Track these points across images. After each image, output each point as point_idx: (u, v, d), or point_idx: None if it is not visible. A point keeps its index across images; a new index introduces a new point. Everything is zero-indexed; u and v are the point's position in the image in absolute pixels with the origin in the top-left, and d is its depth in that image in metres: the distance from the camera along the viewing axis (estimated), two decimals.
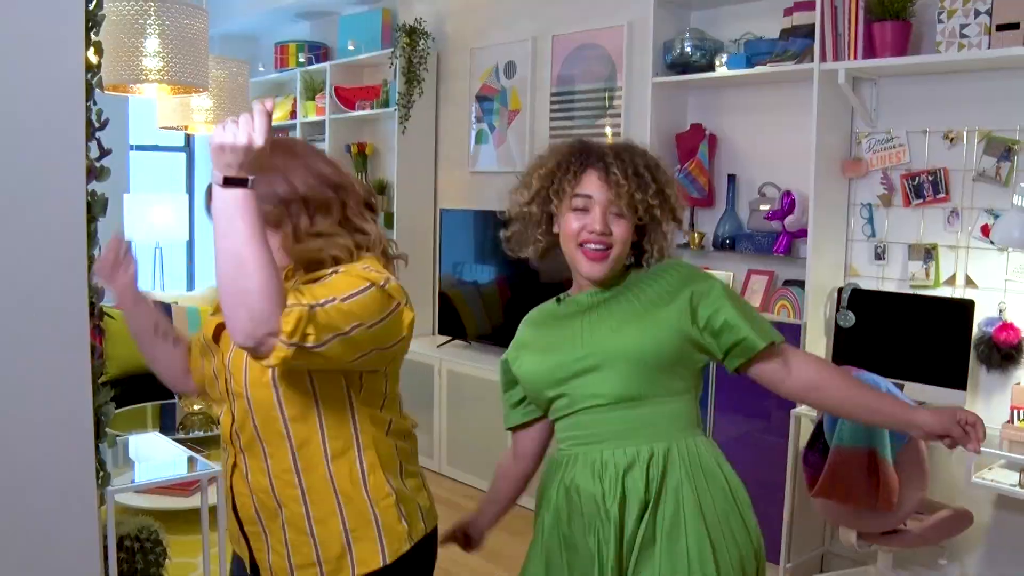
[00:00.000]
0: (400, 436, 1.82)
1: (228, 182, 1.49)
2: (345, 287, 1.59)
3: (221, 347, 1.77)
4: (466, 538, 2.18)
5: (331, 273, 1.65)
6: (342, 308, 1.54)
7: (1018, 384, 3.33)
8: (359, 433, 1.74)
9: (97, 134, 2.49)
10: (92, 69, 2.52)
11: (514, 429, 2.06)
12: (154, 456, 3.45)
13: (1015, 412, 3.28)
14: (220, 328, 1.76)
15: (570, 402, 1.86)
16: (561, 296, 1.97)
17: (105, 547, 2.69)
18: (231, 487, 1.82)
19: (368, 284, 1.61)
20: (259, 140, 1.49)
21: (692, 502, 1.81)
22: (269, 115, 1.52)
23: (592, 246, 1.81)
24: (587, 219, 1.80)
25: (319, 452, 1.71)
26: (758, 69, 3.89)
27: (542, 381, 1.89)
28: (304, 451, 1.70)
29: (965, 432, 1.76)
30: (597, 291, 1.90)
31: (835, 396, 1.86)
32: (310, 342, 1.47)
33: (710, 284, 1.86)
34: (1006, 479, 3.13)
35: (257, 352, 1.48)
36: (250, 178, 1.49)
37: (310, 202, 1.71)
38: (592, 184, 1.81)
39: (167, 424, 4.77)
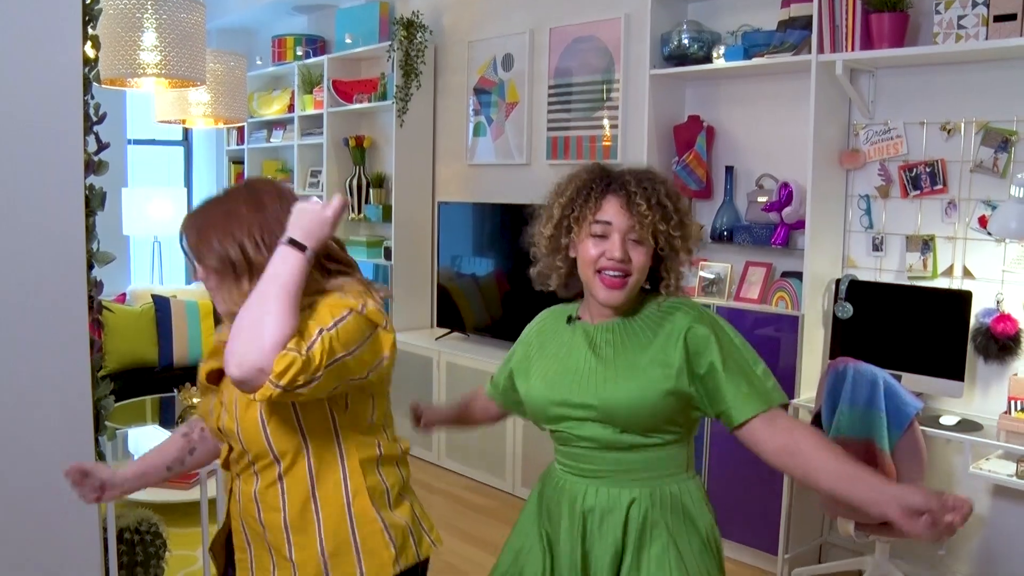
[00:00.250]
0: (390, 461, 1.81)
1: (294, 243, 1.60)
2: (327, 317, 1.60)
3: (221, 387, 1.76)
4: (417, 417, 2.30)
5: (308, 305, 1.65)
6: (329, 339, 1.57)
7: (1015, 375, 3.34)
8: (344, 458, 1.73)
9: (95, 128, 2.49)
10: (89, 63, 2.52)
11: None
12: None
13: (1012, 403, 3.29)
14: (219, 372, 1.75)
15: (566, 438, 1.86)
16: (572, 316, 1.94)
17: (105, 539, 2.69)
18: (228, 512, 1.88)
19: (348, 311, 1.61)
20: (334, 225, 1.66)
21: (672, 545, 1.80)
22: (343, 208, 1.67)
23: (610, 273, 1.77)
24: (606, 245, 1.77)
25: (304, 478, 1.71)
26: (755, 61, 3.89)
27: (543, 411, 1.89)
28: (290, 477, 1.71)
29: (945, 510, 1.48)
30: (608, 322, 1.86)
31: (812, 463, 1.67)
32: (299, 385, 1.52)
33: (710, 337, 1.79)
34: (1003, 469, 3.15)
35: (244, 386, 1.54)
36: (309, 248, 1.61)
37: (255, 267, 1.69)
38: (612, 210, 1.78)
39: (166, 417, 4.77)
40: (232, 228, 1.68)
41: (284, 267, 1.58)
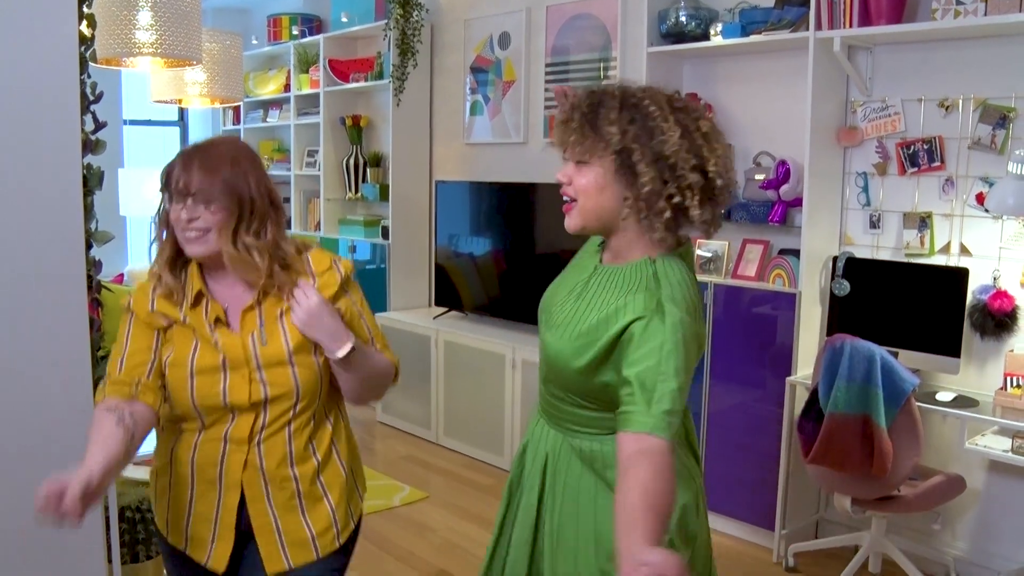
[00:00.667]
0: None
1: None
2: (366, 310, 1.98)
3: (248, 365, 1.83)
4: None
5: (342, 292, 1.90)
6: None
7: (1011, 351, 3.36)
8: (339, 402, 2.00)
9: (92, 107, 2.49)
10: (85, 42, 2.51)
11: None
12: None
13: (1008, 379, 3.30)
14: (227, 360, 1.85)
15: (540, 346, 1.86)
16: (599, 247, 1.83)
17: (107, 518, 2.71)
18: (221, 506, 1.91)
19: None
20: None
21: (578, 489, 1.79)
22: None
23: (564, 198, 1.74)
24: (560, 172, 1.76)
25: (325, 421, 1.95)
26: (753, 38, 3.88)
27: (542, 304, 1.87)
28: (317, 422, 1.92)
29: None
30: (606, 267, 1.76)
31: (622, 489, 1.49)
32: None
33: (656, 329, 1.58)
34: (998, 445, 3.17)
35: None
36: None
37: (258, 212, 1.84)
38: (557, 134, 1.77)
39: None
40: (244, 170, 1.81)
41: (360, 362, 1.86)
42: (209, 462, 1.87)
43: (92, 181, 2.46)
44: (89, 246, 2.50)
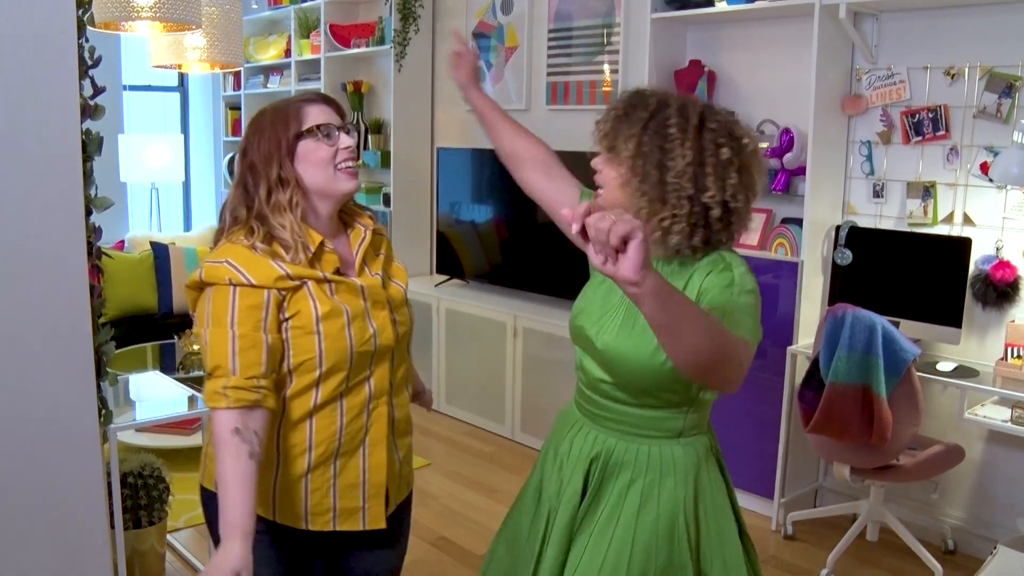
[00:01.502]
0: None
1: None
2: None
3: (387, 305, 1.91)
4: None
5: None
6: None
7: (1013, 322, 3.35)
8: None
9: (90, 72, 2.46)
10: (83, 5, 2.48)
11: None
12: (155, 395, 3.47)
13: (1009, 349, 3.30)
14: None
15: (577, 363, 1.85)
16: None
17: (109, 484, 2.72)
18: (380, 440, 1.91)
19: None
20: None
21: (632, 510, 1.75)
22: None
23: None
24: None
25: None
26: (758, 4, 3.84)
27: (572, 320, 1.85)
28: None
29: None
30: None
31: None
32: None
33: (732, 305, 1.62)
34: (998, 415, 3.18)
35: None
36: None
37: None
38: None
39: (167, 364, 4.80)
40: None
41: None
42: (356, 427, 1.85)
43: (91, 147, 2.44)
44: (89, 212, 2.49)
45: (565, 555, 1.77)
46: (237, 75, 6.92)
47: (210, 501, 1.86)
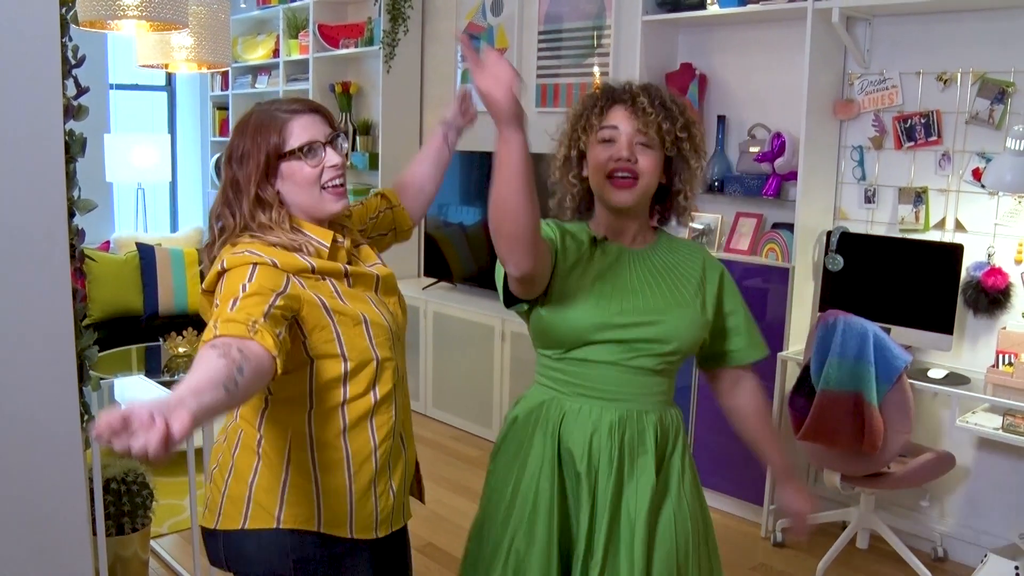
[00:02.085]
0: None
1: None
2: None
3: (395, 297, 1.91)
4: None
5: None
6: None
7: (1004, 329, 3.34)
8: None
9: (74, 71, 2.42)
10: (66, 3, 2.44)
11: None
12: (140, 399, 3.43)
13: (1000, 356, 3.29)
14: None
15: (596, 361, 1.82)
16: (597, 238, 1.88)
17: (91, 490, 2.68)
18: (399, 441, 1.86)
19: None
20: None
21: (686, 455, 1.90)
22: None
23: (620, 174, 1.79)
24: (613, 149, 1.80)
25: None
26: (750, 7, 3.82)
27: (584, 330, 1.81)
28: None
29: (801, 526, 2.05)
30: (640, 249, 1.89)
31: (744, 426, 2.03)
32: None
33: (730, 280, 1.96)
34: (989, 423, 3.16)
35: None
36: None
37: None
38: (619, 116, 1.81)
39: (152, 367, 4.75)
40: None
41: None
42: (395, 431, 1.79)
43: (74, 148, 2.39)
44: (72, 214, 2.44)
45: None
46: (225, 75, 6.87)
47: (212, 541, 1.79)
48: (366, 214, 2.11)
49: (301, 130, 1.72)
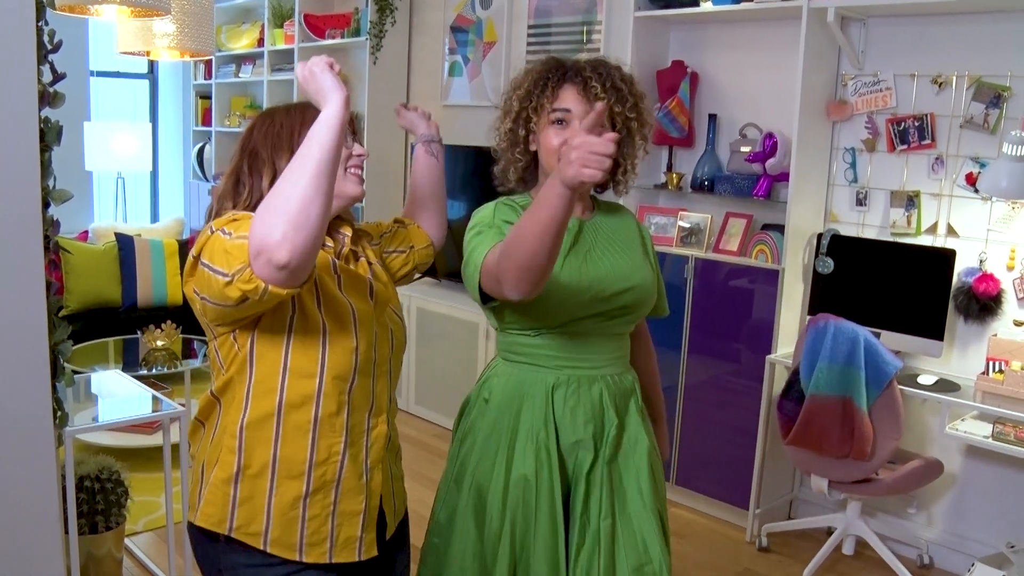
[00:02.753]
0: None
1: None
2: None
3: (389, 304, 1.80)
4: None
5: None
6: None
7: (995, 335, 3.31)
8: None
9: (50, 57, 2.34)
10: None
11: None
12: (116, 393, 3.35)
13: (991, 363, 3.26)
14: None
15: (578, 331, 1.86)
16: None
17: (64, 488, 2.60)
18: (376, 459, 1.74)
19: None
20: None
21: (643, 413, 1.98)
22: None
23: None
24: (567, 133, 1.79)
25: None
26: (744, 5, 3.77)
27: (572, 303, 1.82)
28: None
29: None
30: (583, 219, 1.92)
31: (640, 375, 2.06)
32: None
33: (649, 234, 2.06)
34: (979, 430, 3.13)
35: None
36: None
37: None
38: (570, 98, 1.82)
39: (129, 360, 4.65)
40: None
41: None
42: (357, 448, 1.68)
43: (50, 136, 2.31)
44: (47, 205, 2.36)
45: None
46: (208, 64, 6.77)
47: (201, 541, 1.69)
48: (379, 229, 2.04)
49: None
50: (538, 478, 1.83)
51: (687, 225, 4.09)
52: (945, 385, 3.30)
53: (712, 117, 4.10)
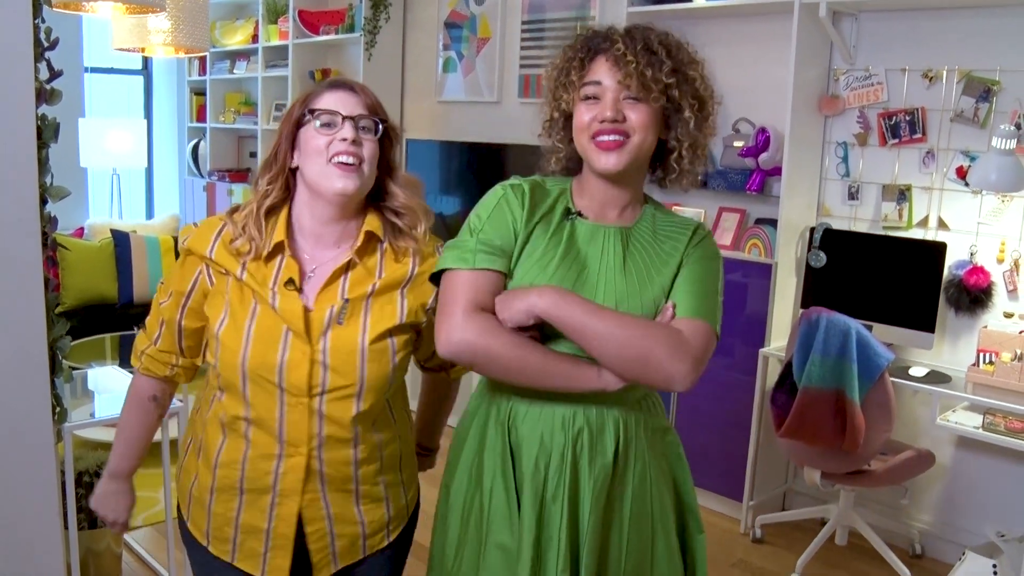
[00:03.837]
0: None
1: None
2: None
3: (312, 343, 1.59)
4: None
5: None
6: None
7: (985, 327, 3.34)
8: (407, 406, 1.85)
9: (47, 54, 2.35)
10: None
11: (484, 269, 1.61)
12: (114, 388, 3.36)
13: (981, 355, 3.29)
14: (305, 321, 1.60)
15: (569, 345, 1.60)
16: (572, 211, 1.66)
17: (63, 482, 2.62)
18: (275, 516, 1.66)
19: None
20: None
21: (650, 463, 1.70)
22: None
23: (606, 137, 1.56)
24: (598, 108, 1.57)
25: (388, 413, 1.74)
26: (737, 0, 3.79)
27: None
28: (383, 418, 1.72)
29: None
30: (614, 226, 1.64)
31: None
32: None
33: (711, 253, 1.66)
34: (969, 421, 3.16)
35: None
36: None
37: None
38: (602, 69, 1.58)
39: (126, 355, 4.67)
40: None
41: None
42: (262, 469, 1.62)
43: (47, 133, 2.33)
44: (44, 201, 2.38)
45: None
46: (203, 60, 6.77)
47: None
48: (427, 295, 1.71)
49: (329, 100, 1.63)
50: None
51: None
52: (936, 377, 3.33)
53: None
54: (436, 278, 1.64)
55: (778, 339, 3.71)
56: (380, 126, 1.66)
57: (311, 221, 1.65)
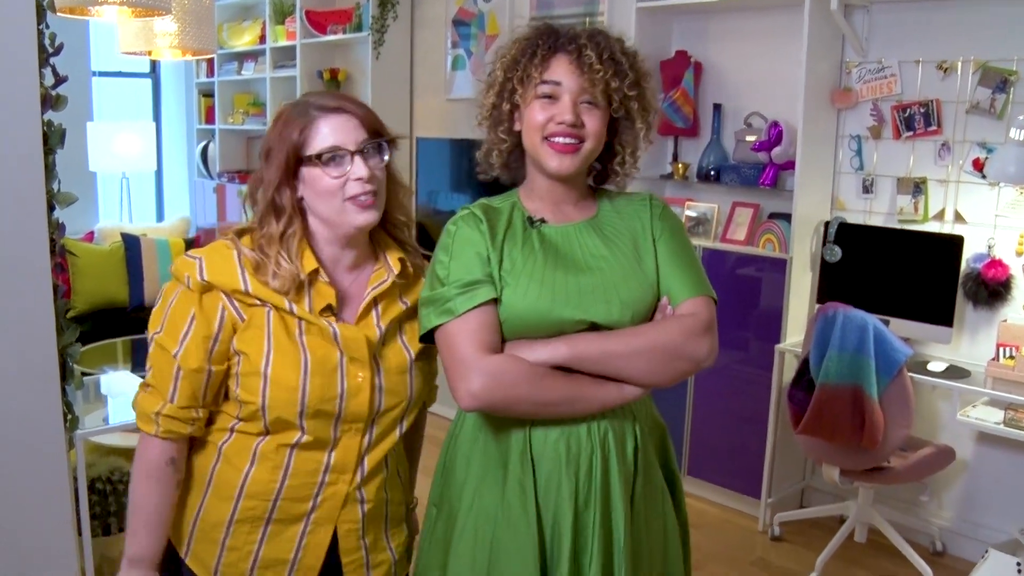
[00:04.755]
0: None
1: None
2: None
3: (370, 367, 1.57)
4: None
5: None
6: None
7: (1004, 321, 3.30)
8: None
9: (52, 60, 2.33)
10: None
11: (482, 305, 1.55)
12: (126, 393, 3.35)
13: (1000, 349, 3.24)
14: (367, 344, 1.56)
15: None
16: (534, 220, 1.64)
17: (76, 490, 2.61)
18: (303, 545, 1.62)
19: None
20: None
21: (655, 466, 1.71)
22: None
23: (561, 139, 1.55)
24: (555, 109, 1.55)
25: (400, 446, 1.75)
26: None
27: (547, 314, 1.55)
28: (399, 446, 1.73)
29: None
30: (578, 223, 1.63)
31: None
32: None
33: (676, 224, 1.69)
34: (990, 417, 3.12)
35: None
36: None
37: None
38: (562, 69, 1.56)
39: (139, 360, 4.66)
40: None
41: None
42: (299, 496, 1.57)
43: (53, 139, 2.31)
44: (52, 208, 2.36)
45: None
46: (211, 61, 6.76)
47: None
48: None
49: (328, 132, 1.53)
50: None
51: (694, 215, 4.08)
52: (955, 372, 3.29)
53: (717, 107, 4.08)
54: (425, 338, 1.59)
55: (794, 335, 3.67)
56: (386, 146, 1.61)
57: (329, 248, 1.60)
